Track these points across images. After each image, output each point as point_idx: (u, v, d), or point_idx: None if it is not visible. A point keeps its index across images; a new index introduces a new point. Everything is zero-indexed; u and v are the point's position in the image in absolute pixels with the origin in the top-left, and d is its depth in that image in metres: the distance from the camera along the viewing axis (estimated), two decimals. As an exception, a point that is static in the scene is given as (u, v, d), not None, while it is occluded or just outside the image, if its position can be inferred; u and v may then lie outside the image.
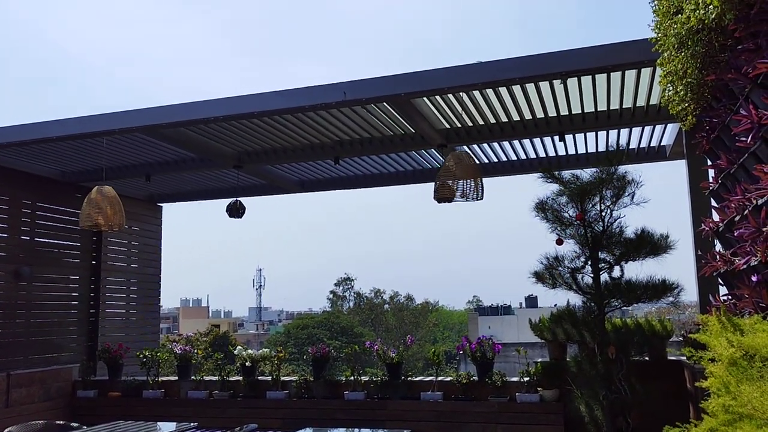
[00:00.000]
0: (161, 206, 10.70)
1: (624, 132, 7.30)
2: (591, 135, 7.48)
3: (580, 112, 6.61)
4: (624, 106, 6.44)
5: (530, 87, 5.88)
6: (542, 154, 8.14)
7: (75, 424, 6.23)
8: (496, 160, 8.36)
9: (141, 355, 8.34)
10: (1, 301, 7.98)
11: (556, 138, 7.16)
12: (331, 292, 56.32)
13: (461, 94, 5.98)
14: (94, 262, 9.46)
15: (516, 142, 7.68)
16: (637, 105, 6.40)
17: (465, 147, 7.53)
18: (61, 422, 6.42)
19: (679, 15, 3.40)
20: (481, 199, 5.92)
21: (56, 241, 8.88)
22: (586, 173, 6.10)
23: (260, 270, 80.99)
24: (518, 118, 6.74)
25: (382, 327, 46.57)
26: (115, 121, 6.63)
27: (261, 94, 6.25)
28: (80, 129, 6.75)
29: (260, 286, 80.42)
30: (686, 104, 3.88)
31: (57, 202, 8.85)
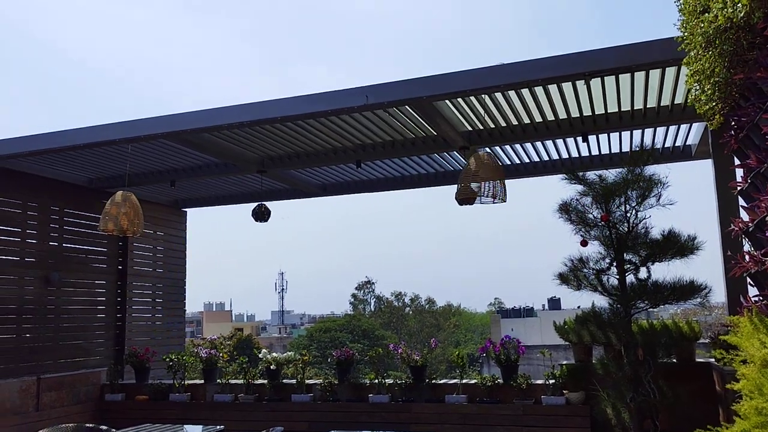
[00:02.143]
0: (186, 211, 10.82)
1: (648, 132, 7.23)
2: (615, 135, 7.42)
3: (603, 112, 6.56)
4: (648, 106, 6.38)
5: (553, 88, 5.86)
6: (565, 156, 8.09)
7: (104, 427, 6.32)
8: (518, 161, 8.33)
9: (167, 359, 8.43)
10: (31, 306, 8.12)
11: (580, 139, 7.13)
12: (353, 295, 56.47)
13: (483, 96, 5.97)
14: (120, 267, 9.59)
15: (539, 144, 7.64)
16: (662, 104, 6.34)
17: (487, 149, 7.52)
18: (90, 425, 6.51)
19: (707, 14, 3.37)
20: (505, 200, 5.89)
21: (84, 247, 9.02)
22: (611, 174, 6.06)
23: (282, 274, 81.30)
24: (541, 120, 6.71)
25: (404, 330, 46.55)
26: (140, 128, 6.72)
27: (284, 99, 6.29)
28: (106, 136, 6.85)
29: (282, 289, 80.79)
30: (713, 103, 3.83)
31: (84, 209, 8.99)
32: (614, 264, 5.95)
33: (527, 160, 8.31)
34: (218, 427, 6.51)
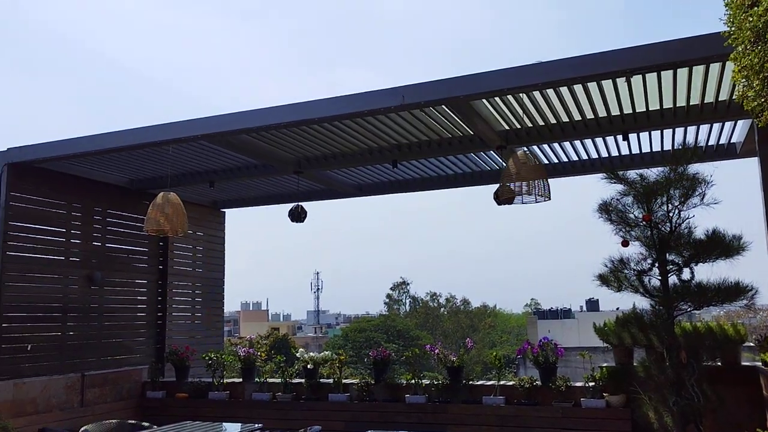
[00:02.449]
0: (224, 212, 10.97)
1: (691, 130, 7.06)
2: (656, 133, 7.26)
3: (644, 110, 6.44)
4: (691, 103, 6.23)
5: (592, 85, 5.76)
6: (605, 154, 7.96)
7: (146, 424, 6.46)
8: (556, 160, 8.23)
9: (206, 358, 8.56)
10: (75, 305, 8.33)
11: (620, 137, 7.00)
12: (387, 295, 56.53)
13: (521, 94, 5.91)
14: (161, 267, 9.77)
15: (577, 142, 7.53)
16: (706, 101, 6.18)
17: (524, 148, 7.44)
18: (133, 421, 6.67)
19: (756, 7, 3.27)
20: (549, 198, 5.82)
21: (125, 247, 9.21)
22: (653, 173, 5.94)
23: (317, 274, 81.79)
24: (580, 118, 6.61)
25: (439, 331, 46.40)
26: (180, 130, 6.84)
27: (320, 100, 6.33)
28: (148, 138, 6.99)
29: (318, 289, 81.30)
30: (762, 99, 3.72)
31: (126, 209, 9.18)
32: (656, 265, 5.83)
33: (565, 159, 8.20)
34: (257, 425, 6.57)
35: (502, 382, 7.43)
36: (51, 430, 7.22)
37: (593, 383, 6.89)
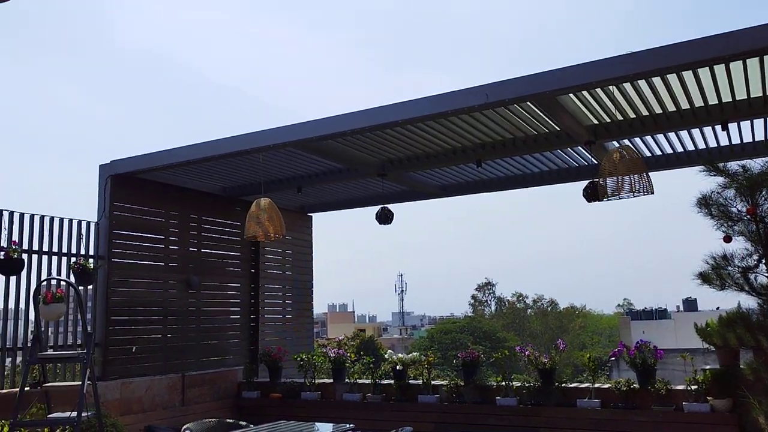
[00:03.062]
0: (311, 216, 11.22)
1: (798, 116, 6.61)
2: (759, 122, 6.85)
3: (745, 97, 6.08)
4: (798, 88, 5.84)
5: (687, 74, 5.50)
6: (702, 146, 7.58)
7: (243, 423, 6.68)
8: (649, 154, 7.90)
9: (298, 359, 8.77)
10: (174, 308, 8.73)
11: (719, 127, 6.65)
12: (472, 296, 56.02)
13: (611, 87, 5.72)
14: (253, 271, 10.09)
15: (672, 134, 7.21)
16: (815, 85, 5.77)
17: (615, 142, 7.19)
18: (231, 420, 6.90)
19: None
20: (652, 192, 5.58)
21: (220, 252, 9.58)
22: (757, 163, 5.60)
23: (401, 275, 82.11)
24: (674, 109, 6.33)
25: (526, 332, 45.54)
26: (270, 138, 7.05)
27: (404, 103, 6.36)
28: (240, 146, 7.25)
29: (402, 291, 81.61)
30: None
31: (219, 216, 9.55)
32: (763, 261, 5.49)
33: (659, 153, 7.87)
34: (348, 425, 6.66)
35: (596, 385, 7.20)
36: (156, 427, 7.60)
37: (696, 386, 6.56)
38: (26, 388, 5.80)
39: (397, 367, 8.19)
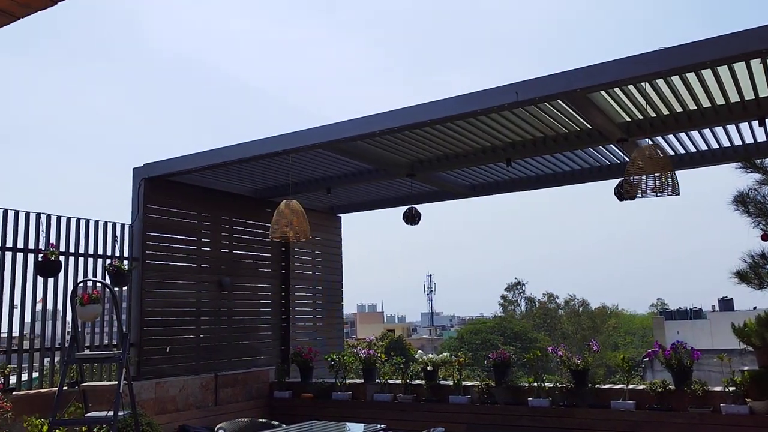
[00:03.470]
0: (340, 217, 11.26)
1: (839, 110, 6.41)
2: (797, 117, 6.66)
3: (784, 91, 5.93)
4: (839, 81, 5.67)
5: (723, 69, 5.38)
6: (738, 142, 7.40)
7: (275, 422, 6.72)
8: (683, 151, 7.75)
9: (329, 359, 8.80)
10: (207, 309, 8.84)
11: (755, 123, 6.50)
12: (502, 296, 55.63)
13: (644, 83, 5.63)
14: (283, 271, 10.17)
15: (707, 131, 7.06)
16: None
17: (648, 139, 7.08)
18: (263, 420, 6.96)
19: None
20: (677, 193, 5.49)
21: (251, 253, 9.67)
22: (796, 159, 5.46)
23: (430, 276, 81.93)
24: (709, 104, 6.20)
25: (558, 332, 45.07)
26: (300, 139, 7.09)
27: (432, 103, 6.34)
28: (270, 148, 7.31)
29: (431, 291, 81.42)
30: None
31: (250, 217, 9.64)
32: (804, 259, 5.36)
33: (693, 150, 7.71)
34: (380, 425, 6.66)
35: (631, 386, 7.09)
36: (190, 427, 7.70)
37: (734, 388, 6.42)
38: (64, 388, 5.93)
39: (428, 368, 8.17)
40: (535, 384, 7.49)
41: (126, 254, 7.99)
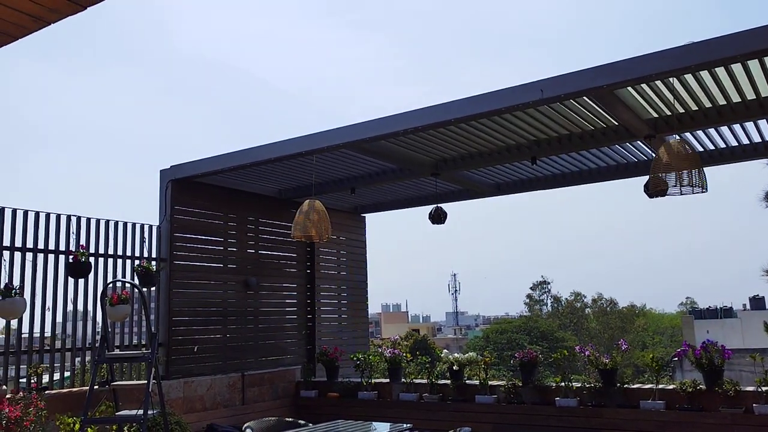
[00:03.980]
0: (365, 216, 11.28)
1: None
2: (831, 110, 6.51)
3: (817, 85, 5.80)
4: None
5: (753, 63, 5.28)
6: (769, 137, 7.27)
7: (302, 422, 6.76)
8: (712, 147, 7.63)
9: (354, 358, 8.82)
10: (233, 309, 8.92)
11: (788, 117, 6.36)
12: (528, 295, 55.25)
13: (671, 79, 5.54)
14: (308, 271, 10.21)
15: (737, 126, 6.93)
16: None
17: (676, 135, 6.97)
18: (290, 419, 7.00)
19: None
20: (705, 190, 5.40)
21: (276, 253, 9.73)
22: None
23: (455, 275, 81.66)
24: (739, 99, 6.09)
25: (585, 331, 44.62)
26: (324, 140, 7.12)
27: (457, 101, 6.32)
28: (294, 149, 7.34)
29: (456, 291, 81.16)
30: None
31: (275, 218, 9.70)
32: (839, 256, 5.23)
33: (723, 145, 7.58)
34: (405, 425, 6.66)
35: (660, 386, 6.99)
36: (218, 426, 7.78)
37: (767, 387, 6.29)
38: (95, 387, 6.03)
39: (454, 367, 8.14)
40: (563, 384, 7.42)
41: (154, 255, 8.09)
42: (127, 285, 7.58)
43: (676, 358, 7.12)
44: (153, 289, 7.99)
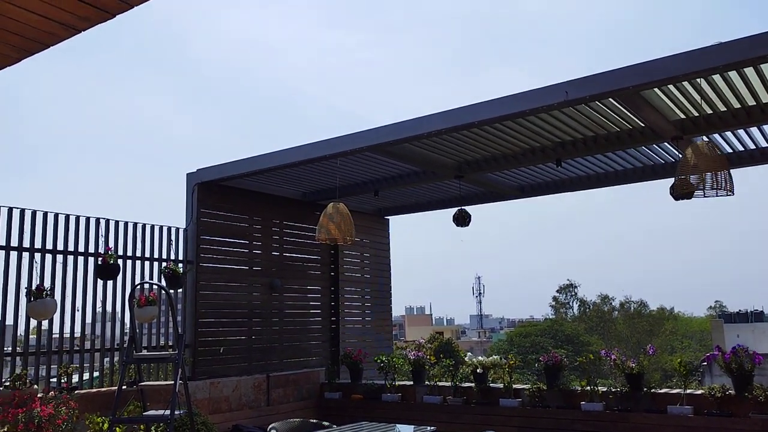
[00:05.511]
0: (388, 219, 11.30)
1: None
2: None
3: None
4: None
5: (783, 63, 5.19)
6: (800, 138, 7.13)
7: (326, 423, 6.79)
8: (741, 148, 7.50)
9: (378, 360, 8.84)
10: (259, 310, 8.99)
11: (820, 117, 6.23)
12: (553, 298, 54.76)
13: (699, 79, 5.47)
14: (332, 274, 10.26)
15: (766, 127, 6.82)
16: None
17: (704, 137, 6.87)
18: (314, 420, 7.04)
19: None
20: (732, 192, 5.32)
21: (301, 255, 9.80)
22: None
23: (479, 278, 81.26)
24: (769, 100, 5.98)
25: (612, 335, 44.07)
26: (347, 143, 7.16)
27: (480, 103, 6.31)
28: (318, 152, 7.39)
29: (480, 293, 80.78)
30: None
31: (300, 220, 9.77)
32: None
33: (752, 147, 7.45)
34: (429, 428, 6.65)
35: (688, 391, 6.89)
36: (243, 426, 7.85)
37: (799, 394, 6.16)
38: (123, 387, 6.13)
39: (478, 370, 8.11)
40: (588, 388, 7.35)
41: (181, 257, 8.20)
42: (155, 287, 7.69)
43: (706, 363, 6.99)
44: (180, 290, 8.10)
